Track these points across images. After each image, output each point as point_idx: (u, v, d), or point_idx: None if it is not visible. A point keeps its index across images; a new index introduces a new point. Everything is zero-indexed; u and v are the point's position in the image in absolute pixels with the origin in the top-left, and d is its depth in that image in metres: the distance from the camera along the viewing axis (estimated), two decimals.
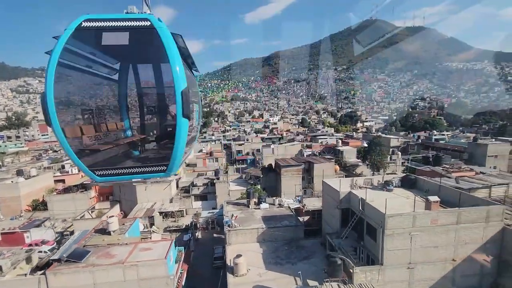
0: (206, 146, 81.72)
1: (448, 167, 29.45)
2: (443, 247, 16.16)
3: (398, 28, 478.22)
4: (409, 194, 20.98)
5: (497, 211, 15.96)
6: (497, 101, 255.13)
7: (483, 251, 16.32)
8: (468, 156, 54.46)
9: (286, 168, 39.09)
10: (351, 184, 23.12)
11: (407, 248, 16.00)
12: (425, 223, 15.81)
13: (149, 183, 38.50)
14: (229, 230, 23.04)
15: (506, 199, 19.68)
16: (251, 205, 28.43)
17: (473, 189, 20.25)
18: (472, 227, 16.05)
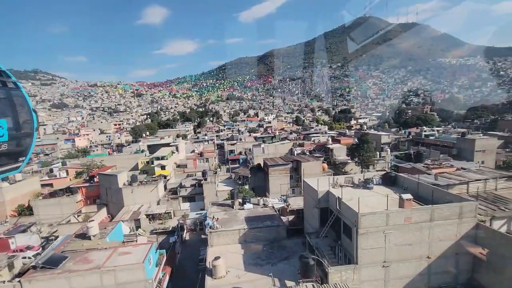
0: (198, 147, 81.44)
1: (429, 163, 29.49)
2: (417, 244, 16.16)
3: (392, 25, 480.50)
4: (389, 192, 20.96)
5: (470, 207, 15.98)
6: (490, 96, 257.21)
7: (458, 247, 16.35)
8: (456, 152, 54.80)
9: (274, 167, 39.01)
10: (332, 183, 23.07)
11: (381, 247, 15.97)
12: (399, 221, 15.79)
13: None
14: (210, 232, 22.89)
15: (483, 194, 19.74)
16: (236, 205, 28.28)
17: (450, 185, 20.31)
18: (446, 224, 16.07)
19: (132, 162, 59.16)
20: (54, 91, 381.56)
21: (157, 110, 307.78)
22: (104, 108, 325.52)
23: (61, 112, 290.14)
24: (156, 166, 52.67)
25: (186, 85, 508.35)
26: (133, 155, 61.91)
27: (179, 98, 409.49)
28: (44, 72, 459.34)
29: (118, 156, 63.35)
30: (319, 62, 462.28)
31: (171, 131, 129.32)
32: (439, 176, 22.12)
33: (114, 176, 36.93)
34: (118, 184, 36.63)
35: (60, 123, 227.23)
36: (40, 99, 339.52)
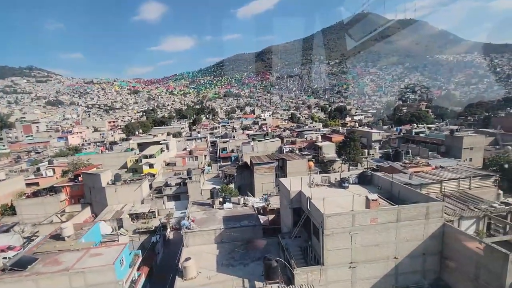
0: (191, 145, 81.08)
1: (407, 162, 29.33)
2: (384, 245, 16.07)
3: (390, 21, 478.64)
4: (363, 191, 20.85)
5: (437, 207, 15.89)
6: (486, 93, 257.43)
7: (425, 248, 16.29)
8: (445, 149, 54.83)
9: (259, 165, 38.86)
10: (308, 182, 22.95)
11: (348, 248, 15.88)
12: (365, 222, 15.69)
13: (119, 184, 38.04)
14: (185, 232, 22.74)
15: (456, 194, 19.67)
16: (216, 205, 28.14)
17: (423, 184, 20.22)
18: (413, 225, 15.98)
19: (122, 161, 58.82)
20: (50, 88, 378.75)
21: (154, 107, 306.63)
22: (100, 106, 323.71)
23: (56, 110, 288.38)
24: (144, 164, 52.42)
25: (183, 82, 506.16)
26: (123, 153, 61.56)
27: (176, 95, 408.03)
28: (39, 69, 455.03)
29: (107, 154, 63.00)
30: (317, 58, 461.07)
31: (165, 128, 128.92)
32: (414, 175, 22.02)
33: (97, 175, 36.65)
34: (101, 183, 36.39)
35: (55, 120, 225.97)
36: (35, 96, 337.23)
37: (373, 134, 67.58)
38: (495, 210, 17.20)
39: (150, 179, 42.56)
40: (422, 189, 20.21)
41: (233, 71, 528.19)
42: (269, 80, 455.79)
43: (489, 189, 20.92)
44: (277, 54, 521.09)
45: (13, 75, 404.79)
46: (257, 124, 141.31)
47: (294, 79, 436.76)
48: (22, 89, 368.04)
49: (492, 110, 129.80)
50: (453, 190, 20.33)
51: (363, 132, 73.06)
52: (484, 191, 20.83)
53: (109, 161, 59.40)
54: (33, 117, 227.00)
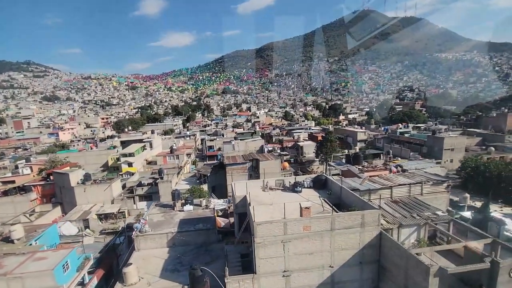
0: (178, 142, 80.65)
1: (364, 166, 28.82)
2: (318, 253, 15.74)
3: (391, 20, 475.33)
4: (314, 196, 20.51)
5: (373, 216, 15.53)
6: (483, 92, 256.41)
7: (361, 256, 15.95)
8: (427, 150, 54.52)
9: (231, 166, 38.48)
10: (262, 186, 22.60)
11: (281, 256, 15.54)
12: (298, 230, 15.33)
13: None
14: (136, 236, 22.40)
15: (405, 200, 19.29)
16: (177, 207, 27.79)
17: (372, 190, 19.83)
18: (348, 233, 15.63)
19: (104, 159, 58.46)
20: (47, 83, 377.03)
21: (150, 104, 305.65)
22: (97, 101, 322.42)
23: (52, 105, 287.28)
24: (123, 163, 52.08)
25: (182, 78, 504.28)
26: (105, 151, 61.15)
27: (174, 91, 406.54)
28: (37, 64, 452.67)
29: (89, 152, 62.56)
30: (316, 56, 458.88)
31: (158, 125, 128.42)
32: (367, 180, 21.61)
33: (66, 175, 36.29)
34: (70, 183, 36.03)
35: (50, 116, 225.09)
36: (32, 91, 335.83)
37: (358, 133, 67.23)
38: (436, 218, 16.83)
39: (123, 178, 42.21)
40: (371, 195, 19.84)
41: (232, 68, 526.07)
42: (268, 77, 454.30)
43: (441, 194, 20.54)
44: (276, 51, 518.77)
45: (11, 70, 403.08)
46: (249, 122, 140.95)
47: (293, 76, 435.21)
48: (19, 84, 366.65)
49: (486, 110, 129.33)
50: (403, 196, 19.95)
51: (348, 131, 72.77)
52: (437, 196, 20.46)
53: (90, 159, 59.09)
54: (28, 112, 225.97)
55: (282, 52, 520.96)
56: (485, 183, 31.77)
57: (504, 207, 29.14)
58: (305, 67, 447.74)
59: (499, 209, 28.85)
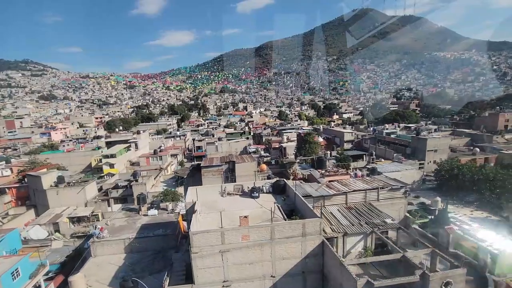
0: (167, 142, 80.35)
1: (327, 170, 28.32)
2: (259, 263, 15.41)
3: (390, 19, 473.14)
4: (270, 202, 20.16)
5: (314, 224, 15.18)
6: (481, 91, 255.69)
7: (304, 266, 15.62)
8: (411, 151, 54.15)
9: (207, 168, 38.12)
10: (221, 191, 22.26)
11: (219, 266, 15.21)
12: (236, 239, 14.99)
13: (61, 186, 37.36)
14: (92, 242, 22.08)
15: (359, 206, 18.93)
16: (143, 211, 27.46)
17: (327, 196, 19.45)
18: (289, 242, 15.30)
19: (88, 160, 58.13)
20: (45, 82, 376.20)
21: (147, 103, 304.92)
22: (94, 100, 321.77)
23: (49, 104, 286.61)
24: (104, 164, 51.76)
25: (180, 77, 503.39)
26: (89, 152, 60.83)
27: (172, 90, 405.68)
28: (35, 63, 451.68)
29: (73, 153, 62.23)
30: (314, 55, 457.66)
31: (151, 125, 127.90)
32: (325, 186, 21.19)
33: (38, 178, 35.97)
34: (43, 185, 35.72)
35: (47, 115, 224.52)
36: (30, 90, 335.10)
37: (345, 134, 66.79)
38: (384, 225, 16.48)
39: (101, 180, 41.89)
40: (326, 201, 19.49)
41: (230, 67, 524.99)
42: (267, 76, 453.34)
43: (399, 200, 20.19)
44: (275, 49, 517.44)
45: (9, 69, 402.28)
46: (243, 121, 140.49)
47: (291, 75, 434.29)
48: (16, 83, 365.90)
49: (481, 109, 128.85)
50: (359, 202, 19.60)
51: (336, 132, 72.34)
52: (394, 202, 20.10)
53: (75, 160, 58.81)
54: (24, 111, 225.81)
55: (281, 51, 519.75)
56: (459, 186, 31.44)
57: (475, 211, 28.83)
58: (304, 66, 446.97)
59: (470, 213, 28.55)
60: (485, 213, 28.23)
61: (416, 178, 35.77)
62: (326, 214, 18.08)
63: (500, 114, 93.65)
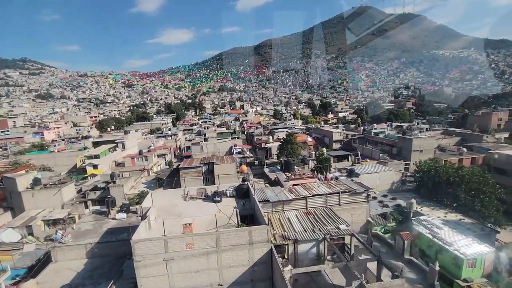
0: (158, 142, 79.88)
1: (291, 173, 27.73)
2: (205, 272, 15.06)
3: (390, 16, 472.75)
4: (230, 206, 19.79)
5: (261, 232, 14.81)
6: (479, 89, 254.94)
7: (252, 274, 15.26)
8: (397, 151, 53.76)
9: (185, 170, 37.75)
10: (183, 195, 21.88)
11: (164, 275, 14.87)
12: (180, 247, 14.62)
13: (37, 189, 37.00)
14: (53, 247, 21.74)
15: (318, 211, 18.54)
16: (112, 214, 27.11)
17: (286, 201, 19.06)
18: (236, 250, 14.94)
19: (74, 160, 57.78)
20: (42, 81, 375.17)
21: (145, 102, 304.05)
22: (91, 99, 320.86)
23: (46, 103, 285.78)
24: (88, 165, 51.40)
25: (179, 76, 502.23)
26: (75, 153, 60.43)
27: (171, 89, 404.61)
28: (33, 61, 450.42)
29: (59, 154, 61.87)
30: (313, 53, 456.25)
31: (145, 124, 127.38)
32: (286, 190, 20.77)
33: (13, 180, 35.61)
34: (18, 187, 35.36)
35: (43, 114, 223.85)
36: (27, 89, 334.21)
37: (334, 134, 66.37)
38: (337, 232, 16.09)
39: (77, 183, 41.53)
40: (285, 206, 19.10)
41: (229, 65, 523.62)
42: (265, 74, 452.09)
43: (361, 205, 19.80)
44: (274, 48, 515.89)
45: (6, 67, 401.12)
46: (238, 120, 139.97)
47: (290, 74, 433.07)
48: (14, 81, 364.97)
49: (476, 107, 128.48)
50: (320, 207, 19.21)
51: (325, 131, 71.90)
52: (356, 207, 19.72)
53: (60, 160, 58.43)
54: (21, 110, 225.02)
55: (280, 49, 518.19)
56: (435, 188, 31.05)
57: (449, 214, 28.43)
58: (303, 64, 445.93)
59: (444, 215, 28.15)
60: (459, 216, 27.83)
61: (395, 180, 35.38)
62: (282, 220, 17.72)
63: (493, 113, 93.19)
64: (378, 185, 34.64)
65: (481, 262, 21.98)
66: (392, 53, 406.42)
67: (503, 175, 39.09)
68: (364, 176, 33.96)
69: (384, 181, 34.55)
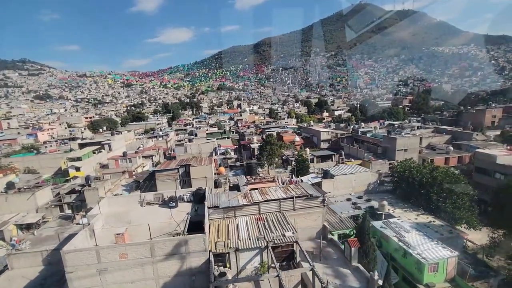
0: (147, 143, 79.53)
1: (253, 178, 27.27)
2: (142, 282, 14.67)
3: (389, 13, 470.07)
4: (183, 213, 19.37)
5: (198, 241, 14.38)
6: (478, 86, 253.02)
7: (191, 284, 14.85)
8: (382, 150, 53.18)
9: (161, 172, 37.36)
10: (140, 200, 21.47)
11: (98, 286, 14.46)
12: (114, 258, 14.22)
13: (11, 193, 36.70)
14: (8, 254, 21.40)
15: (270, 216, 18.09)
16: (77, 219, 26.75)
17: (238, 207, 18.55)
18: (173, 259, 14.53)
19: (59, 162, 57.53)
20: (41, 81, 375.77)
21: (143, 101, 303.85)
22: (89, 100, 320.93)
23: (44, 104, 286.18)
24: (70, 167, 51.13)
25: (178, 75, 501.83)
26: (61, 155, 60.20)
27: (169, 88, 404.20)
28: (32, 62, 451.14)
29: (45, 156, 61.61)
30: (312, 51, 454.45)
31: (140, 124, 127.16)
32: (240, 196, 20.24)
33: None
34: None
35: (41, 115, 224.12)
36: (26, 90, 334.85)
37: (322, 133, 65.79)
38: (280, 240, 15.62)
39: (57, 186, 41.23)
40: (238, 211, 18.64)
41: (228, 64, 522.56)
42: (264, 72, 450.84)
43: (316, 209, 19.31)
44: (273, 46, 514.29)
45: (6, 68, 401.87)
46: (232, 120, 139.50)
47: (289, 72, 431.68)
48: (13, 82, 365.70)
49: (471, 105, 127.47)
50: (274, 212, 18.73)
51: (313, 130, 71.31)
52: (310, 212, 19.24)
53: (46, 163, 58.18)
54: (19, 111, 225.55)
55: (279, 47, 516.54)
56: (409, 189, 30.52)
57: (421, 215, 27.90)
58: (301, 62, 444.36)
59: (415, 217, 27.63)
60: (430, 218, 27.33)
61: (372, 181, 34.85)
62: (230, 227, 17.28)
63: (487, 110, 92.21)
64: (354, 186, 34.18)
65: (443, 266, 21.58)
66: (391, 50, 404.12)
67: (484, 174, 38.51)
68: (339, 178, 33.49)
69: (360, 182, 34.04)
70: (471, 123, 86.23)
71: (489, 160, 37.27)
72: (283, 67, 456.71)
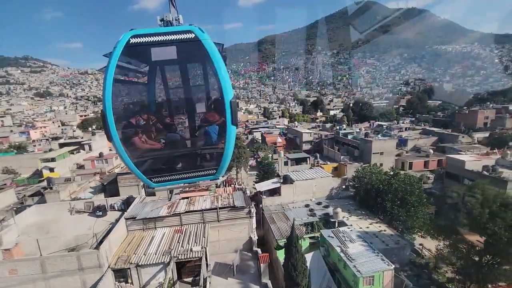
0: None
1: (189, 186, 26.64)
2: None
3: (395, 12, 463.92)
4: (107, 223, 18.83)
5: (91, 257, 13.83)
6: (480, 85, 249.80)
7: None
8: (358, 153, 52.26)
9: (124, 175, 36.87)
10: (70, 208, 21.01)
11: None
12: (2, 274, 13.71)
13: None
14: None
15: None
16: None
17: (158, 218, 17.99)
18: (66, 275, 13.98)
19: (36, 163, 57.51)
20: (43, 78, 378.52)
21: None
22: (89, 97, 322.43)
23: (44, 101, 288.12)
24: (44, 168, 50.97)
25: None
26: (39, 155, 60.18)
27: None
28: (35, 59, 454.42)
29: (25, 155, 61.73)
30: (314, 49, 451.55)
31: None
32: (166, 206, 19.74)
33: None
34: None
35: (40, 112, 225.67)
36: (28, 87, 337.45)
37: (304, 134, 64.91)
38: (185, 254, 15.00)
39: (19, 188, 41.08)
40: (158, 223, 18.06)
41: (230, 62, 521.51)
42: (266, 71, 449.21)
43: (242, 220, 18.67)
44: (275, 44, 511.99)
45: (8, 65, 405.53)
46: None
47: (290, 70, 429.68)
48: (15, 79, 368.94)
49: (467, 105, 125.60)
50: (197, 223, 18.12)
51: (297, 132, 70.43)
52: (235, 223, 18.61)
53: (27, 162, 58.22)
54: (19, 108, 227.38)
55: (281, 45, 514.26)
56: (366, 196, 29.71)
57: (373, 224, 27.08)
58: (303, 61, 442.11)
59: (366, 227, 26.82)
60: (383, 226, 26.53)
61: (335, 186, 34.04)
62: (144, 240, 16.72)
63: (480, 111, 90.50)
64: (314, 192, 33.40)
65: (379, 279, 20.80)
66: (394, 49, 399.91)
67: (454, 180, 37.47)
68: (299, 183, 32.77)
69: (321, 187, 33.26)
70: (463, 124, 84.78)
71: (458, 165, 36.23)
72: (285, 66, 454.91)
